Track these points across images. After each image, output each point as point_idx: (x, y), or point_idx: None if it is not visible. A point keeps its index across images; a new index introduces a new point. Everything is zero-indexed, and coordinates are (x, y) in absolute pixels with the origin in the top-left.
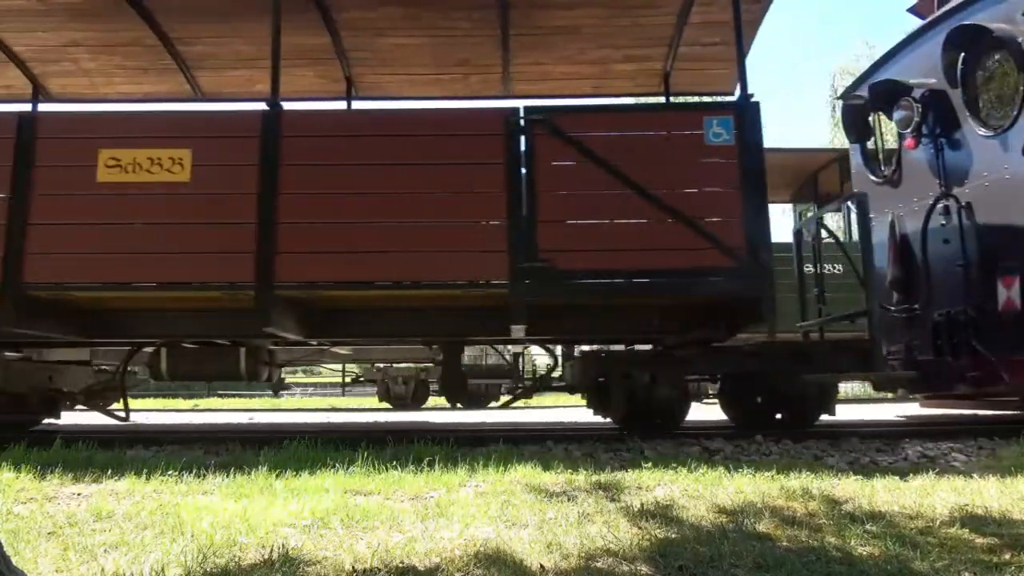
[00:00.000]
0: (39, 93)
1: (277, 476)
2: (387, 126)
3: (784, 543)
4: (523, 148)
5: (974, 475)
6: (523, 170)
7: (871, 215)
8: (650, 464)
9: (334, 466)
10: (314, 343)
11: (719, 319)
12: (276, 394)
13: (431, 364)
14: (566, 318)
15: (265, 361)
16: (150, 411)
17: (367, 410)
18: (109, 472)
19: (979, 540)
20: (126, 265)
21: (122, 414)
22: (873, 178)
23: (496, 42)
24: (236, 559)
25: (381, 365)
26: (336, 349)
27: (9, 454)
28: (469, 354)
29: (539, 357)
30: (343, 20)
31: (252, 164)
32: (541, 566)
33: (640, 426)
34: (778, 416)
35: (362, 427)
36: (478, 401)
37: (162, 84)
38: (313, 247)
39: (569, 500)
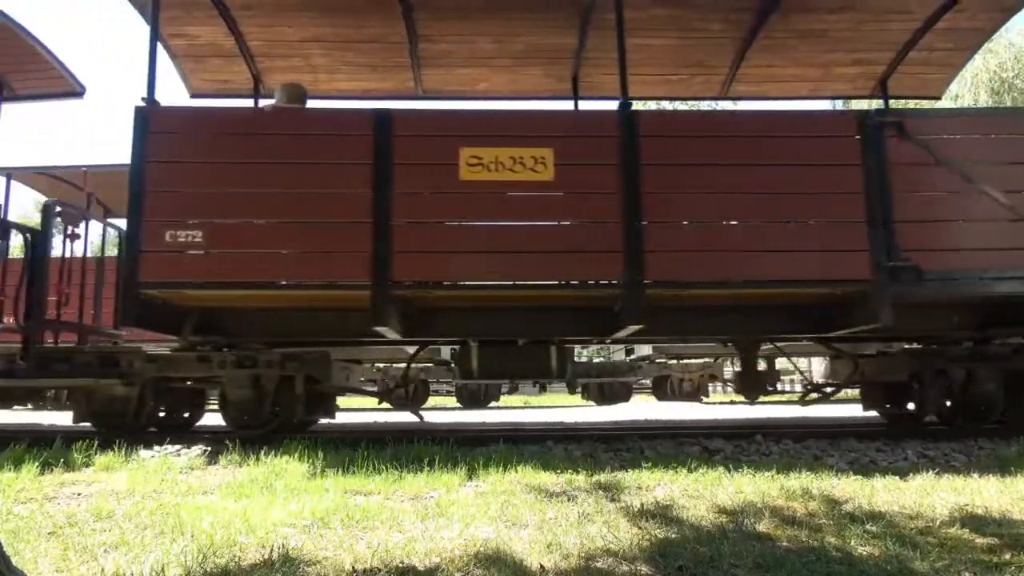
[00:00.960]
0: (259, 88)
1: (278, 476)
2: (745, 127)
3: (784, 543)
4: (878, 150)
5: (974, 475)
6: (878, 171)
7: None
8: (650, 464)
9: (334, 466)
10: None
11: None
12: None
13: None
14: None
15: (572, 359)
16: None
17: (368, 410)
18: (109, 472)
19: (979, 540)
20: (484, 264)
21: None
22: None
23: (736, 44)
24: (236, 559)
25: (381, 365)
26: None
27: (9, 454)
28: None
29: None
30: (602, 21)
31: (612, 163)
32: (541, 566)
33: (960, 419)
34: None
35: (362, 427)
36: (477, 401)
37: (385, 82)
38: (678, 245)
39: (569, 500)
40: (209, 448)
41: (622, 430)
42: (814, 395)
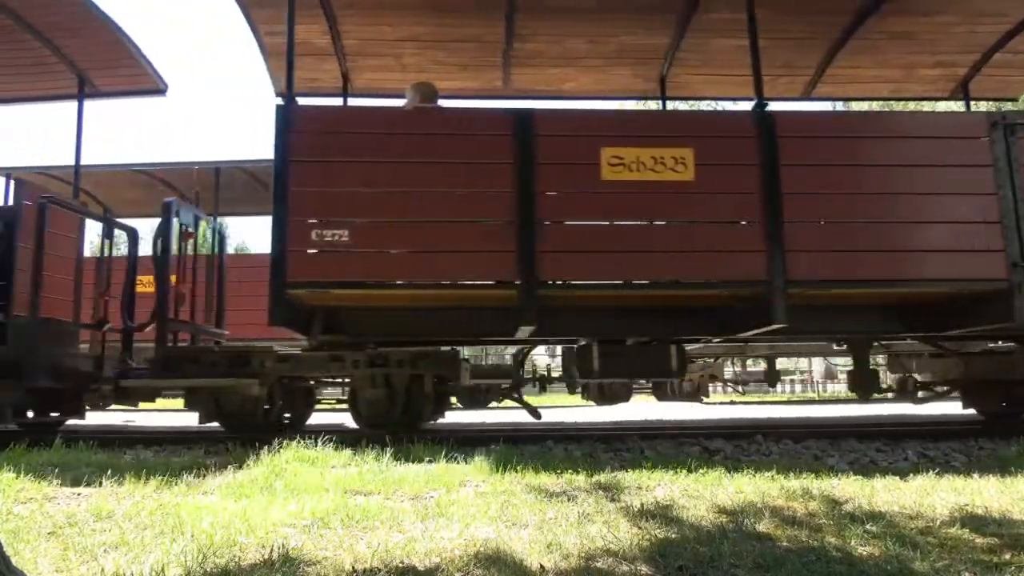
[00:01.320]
0: (348, 87)
1: (277, 476)
2: (879, 127)
3: (784, 543)
4: (1008, 151)
5: (974, 475)
6: (1008, 172)
7: None
8: (650, 464)
9: (334, 466)
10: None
11: None
12: None
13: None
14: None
15: (690, 359)
16: (150, 411)
17: None
18: (109, 472)
19: (979, 540)
20: (627, 264)
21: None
22: None
23: (827, 45)
24: (236, 559)
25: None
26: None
27: (9, 454)
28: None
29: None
30: (705, 21)
31: (751, 164)
32: (541, 566)
33: None
34: None
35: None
36: (476, 402)
37: (473, 81)
38: (818, 245)
39: (569, 500)
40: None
41: (622, 430)
42: (921, 394)
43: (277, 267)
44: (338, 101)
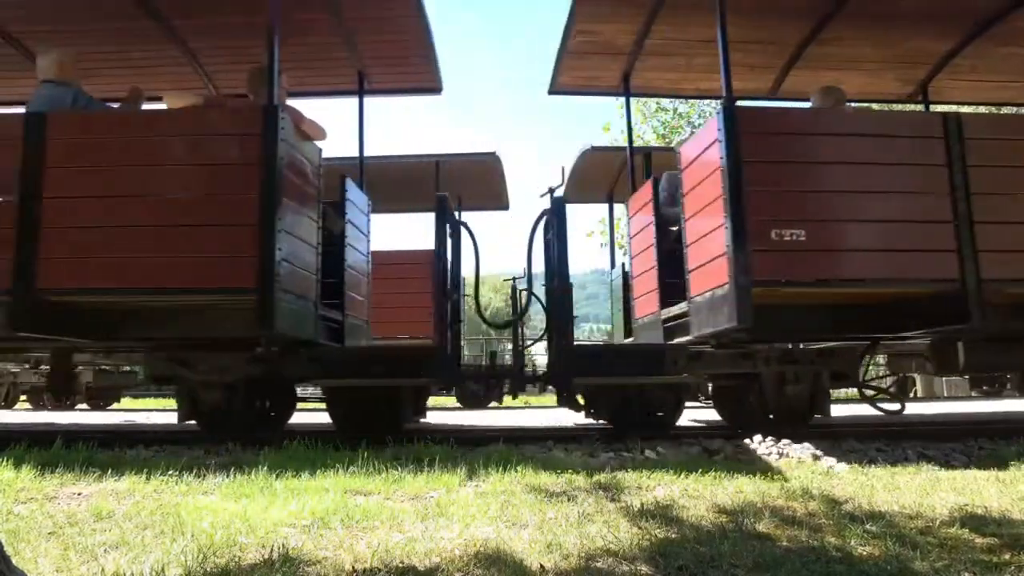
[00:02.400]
0: (628, 86)
1: (277, 476)
2: None
3: (784, 543)
4: None
5: (974, 475)
6: None
7: None
8: (650, 464)
9: (334, 466)
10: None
11: None
12: None
13: None
14: None
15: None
16: (150, 411)
17: None
18: (109, 472)
19: (979, 540)
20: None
21: (895, 406)
22: None
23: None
24: (236, 559)
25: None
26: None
27: (9, 454)
28: None
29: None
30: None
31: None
32: (541, 566)
33: None
34: None
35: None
36: (478, 401)
37: (748, 82)
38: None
39: (569, 500)
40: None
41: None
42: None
43: (742, 266)
44: (610, 99)
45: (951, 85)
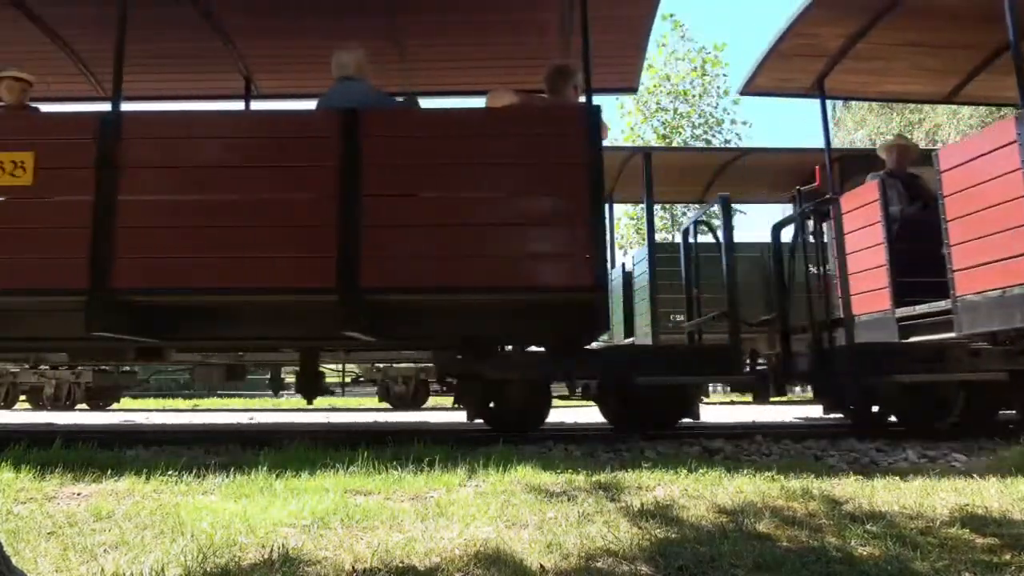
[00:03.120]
0: (823, 88)
1: (277, 476)
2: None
3: (784, 543)
4: None
5: (974, 475)
6: None
7: None
8: (650, 464)
9: (334, 466)
10: None
11: None
12: (276, 394)
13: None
14: None
15: None
16: (150, 411)
17: (367, 410)
18: (109, 472)
19: (979, 540)
20: None
21: None
22: None
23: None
24: (236, 559)
25: (381, 365)
26: None
27: (9, 454)
28: None
29: None
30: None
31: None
32: (541, 566)
33: None
34: None
35: (362, 427)
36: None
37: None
38: None
39: (569, 500)
40: None
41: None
42: None
43: None
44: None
45: None
